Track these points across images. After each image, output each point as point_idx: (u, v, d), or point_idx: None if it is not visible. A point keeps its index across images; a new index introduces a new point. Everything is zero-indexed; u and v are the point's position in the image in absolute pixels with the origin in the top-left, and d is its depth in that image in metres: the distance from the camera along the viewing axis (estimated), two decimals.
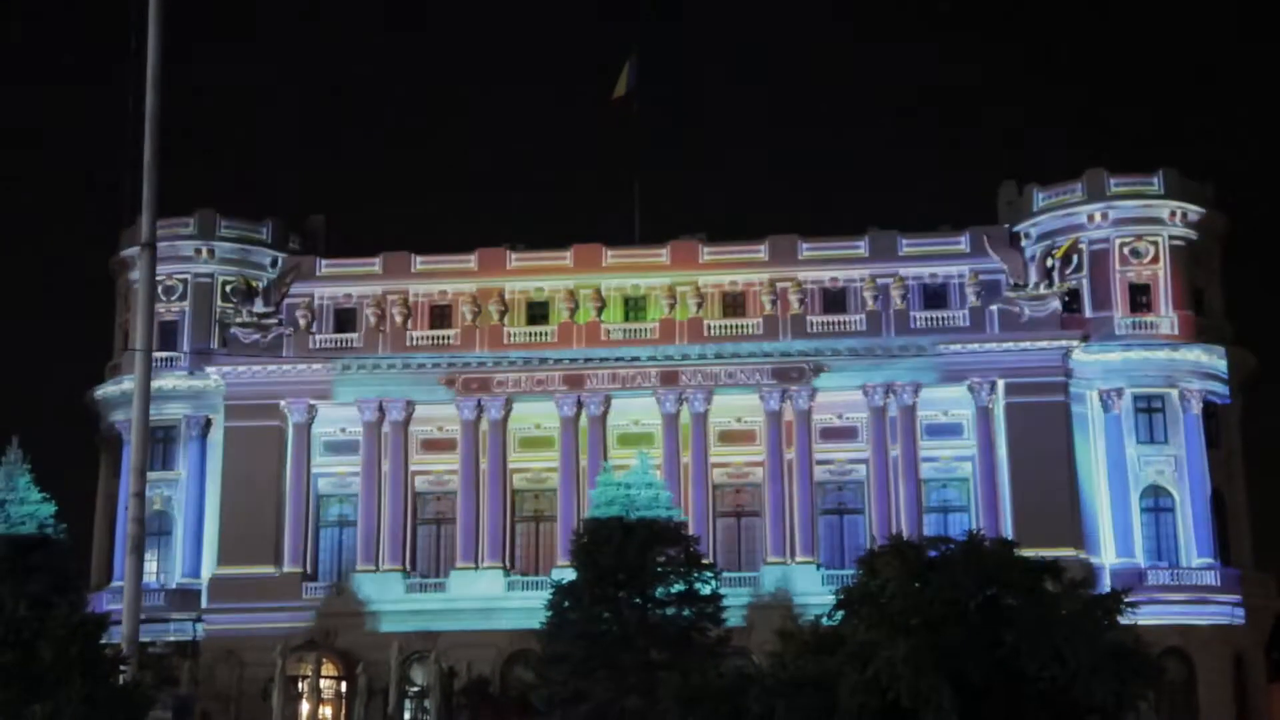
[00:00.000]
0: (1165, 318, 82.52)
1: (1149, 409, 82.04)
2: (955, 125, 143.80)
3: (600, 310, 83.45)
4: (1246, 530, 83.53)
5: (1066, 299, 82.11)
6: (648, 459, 71.61)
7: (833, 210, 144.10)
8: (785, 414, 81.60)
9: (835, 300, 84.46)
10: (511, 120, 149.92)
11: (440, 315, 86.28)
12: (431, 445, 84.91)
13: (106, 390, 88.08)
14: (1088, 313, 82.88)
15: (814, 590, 74.45)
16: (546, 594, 68.24)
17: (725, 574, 73.64)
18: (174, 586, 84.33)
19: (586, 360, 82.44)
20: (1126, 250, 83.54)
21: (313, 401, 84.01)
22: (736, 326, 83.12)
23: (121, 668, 44.39)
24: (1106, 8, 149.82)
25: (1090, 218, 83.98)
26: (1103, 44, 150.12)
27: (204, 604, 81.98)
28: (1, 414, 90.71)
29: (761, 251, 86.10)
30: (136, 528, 45.34)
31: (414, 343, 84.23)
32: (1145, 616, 61.29)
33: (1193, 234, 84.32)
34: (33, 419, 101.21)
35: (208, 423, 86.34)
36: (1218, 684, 77.96)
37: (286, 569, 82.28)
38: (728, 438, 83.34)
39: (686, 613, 65.35)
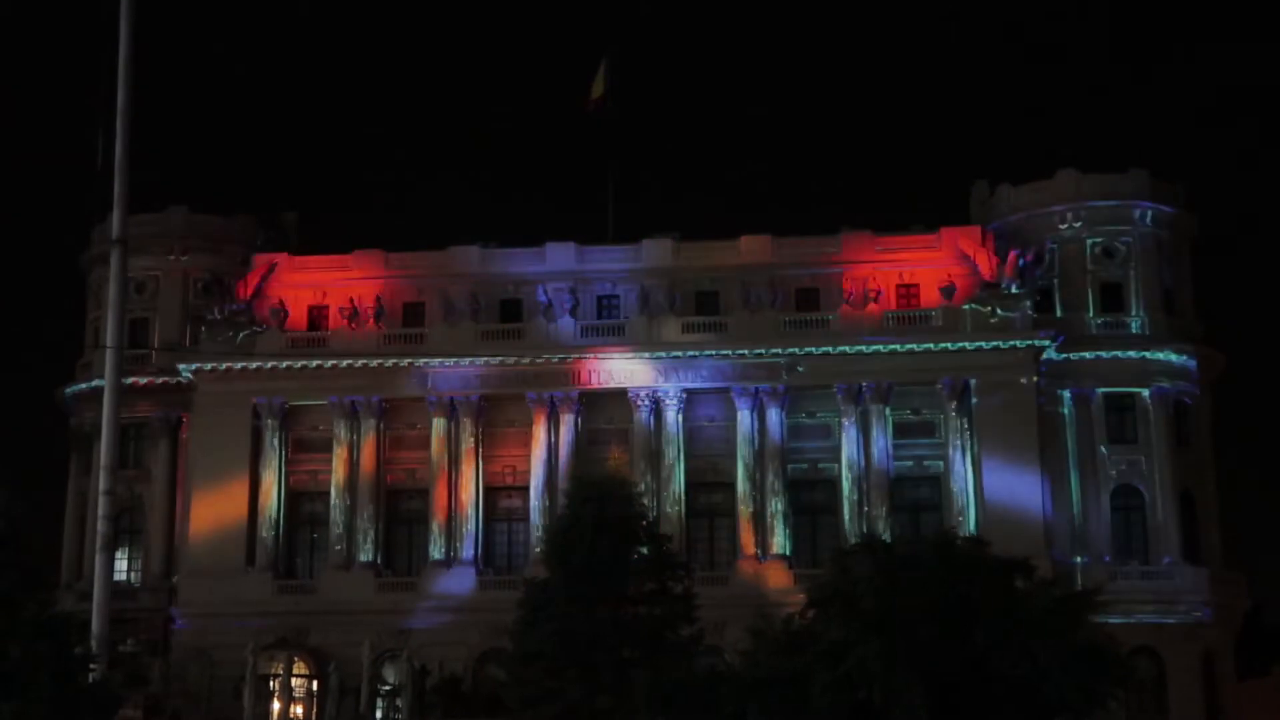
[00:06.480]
0: (1136, 317, 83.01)
1: (1119, 408, 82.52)
2: (928, 124, 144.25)
3: (573, 309, 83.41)
4: (1216, 529, 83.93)
5: (1038, 298, 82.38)
6: (621, 457, 71.55)
7: (806, 210, 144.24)
8: (758, 412, 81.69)
9: (809, 299, 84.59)
10: (486, 118, 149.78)
11: (412, 312, 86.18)
12: (404, 443, 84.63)
13: (77, 388, 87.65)
14: (1059, 312, 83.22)
15: (786, 588, 74.58)
16: (519, 593, 68.11)
17: (698, 572, 73.57)
18: (145, 585, 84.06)
19: (560, 359, 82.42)
20: (1098, 250, 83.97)
21: (285, 399, 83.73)
22: (710, 325, 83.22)
23: (91, 666, 44.18)
24: (1082, 6, 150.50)
25: (1062, 218, 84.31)
26: (1078, 43, 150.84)
27: (175, 602, 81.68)
28: None
29: (735, 251, 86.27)
30: (107, 526, 45.28)
31: (386, 340, 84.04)
32: (1115, 615, 61.88)
33: (1163, 234, 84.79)
34: (2, 416, 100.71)
35: (179, 420, 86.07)
36: (1187, 682, 78.35)
37: (258, 567, 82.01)
38: (701, 436, 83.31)
39: (659, 611, 65.26)
